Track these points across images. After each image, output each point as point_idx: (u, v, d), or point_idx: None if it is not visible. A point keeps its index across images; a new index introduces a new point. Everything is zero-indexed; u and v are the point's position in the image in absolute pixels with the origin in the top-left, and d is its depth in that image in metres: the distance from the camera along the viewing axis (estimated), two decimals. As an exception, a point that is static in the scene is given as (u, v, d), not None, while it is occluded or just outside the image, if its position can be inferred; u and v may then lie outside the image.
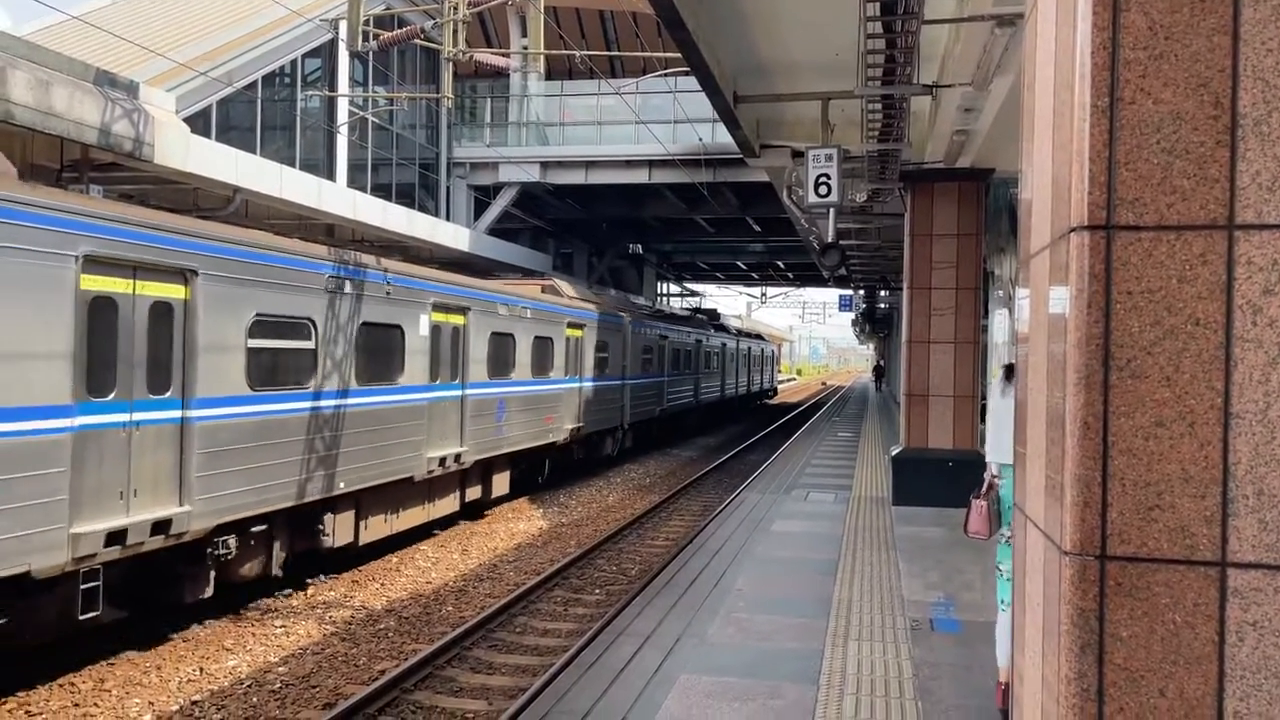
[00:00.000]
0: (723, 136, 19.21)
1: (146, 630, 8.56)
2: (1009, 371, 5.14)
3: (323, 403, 10.17)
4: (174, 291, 8.14)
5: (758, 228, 32.24)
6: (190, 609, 8.99)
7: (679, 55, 9.34)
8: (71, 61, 11.76)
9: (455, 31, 14.01)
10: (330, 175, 20.46)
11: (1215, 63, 1.78)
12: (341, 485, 10.43)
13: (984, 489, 5.30)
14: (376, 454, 11.15)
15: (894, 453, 12.81)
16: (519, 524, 14.55)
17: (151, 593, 8.47)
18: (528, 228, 30.65)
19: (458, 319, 13.49)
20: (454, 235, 22.31)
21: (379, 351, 11.35)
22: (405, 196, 24.29)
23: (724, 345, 36.12)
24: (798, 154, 11.67)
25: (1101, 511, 1.81)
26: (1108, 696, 1.81)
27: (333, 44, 20.36)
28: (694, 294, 58.96)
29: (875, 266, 26.29)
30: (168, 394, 8.06)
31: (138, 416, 7.71)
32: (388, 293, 11.48)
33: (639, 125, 24.21)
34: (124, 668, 7.83)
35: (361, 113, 21.98)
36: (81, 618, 7.22)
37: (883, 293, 34.76)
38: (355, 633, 8.92)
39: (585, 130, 27.05)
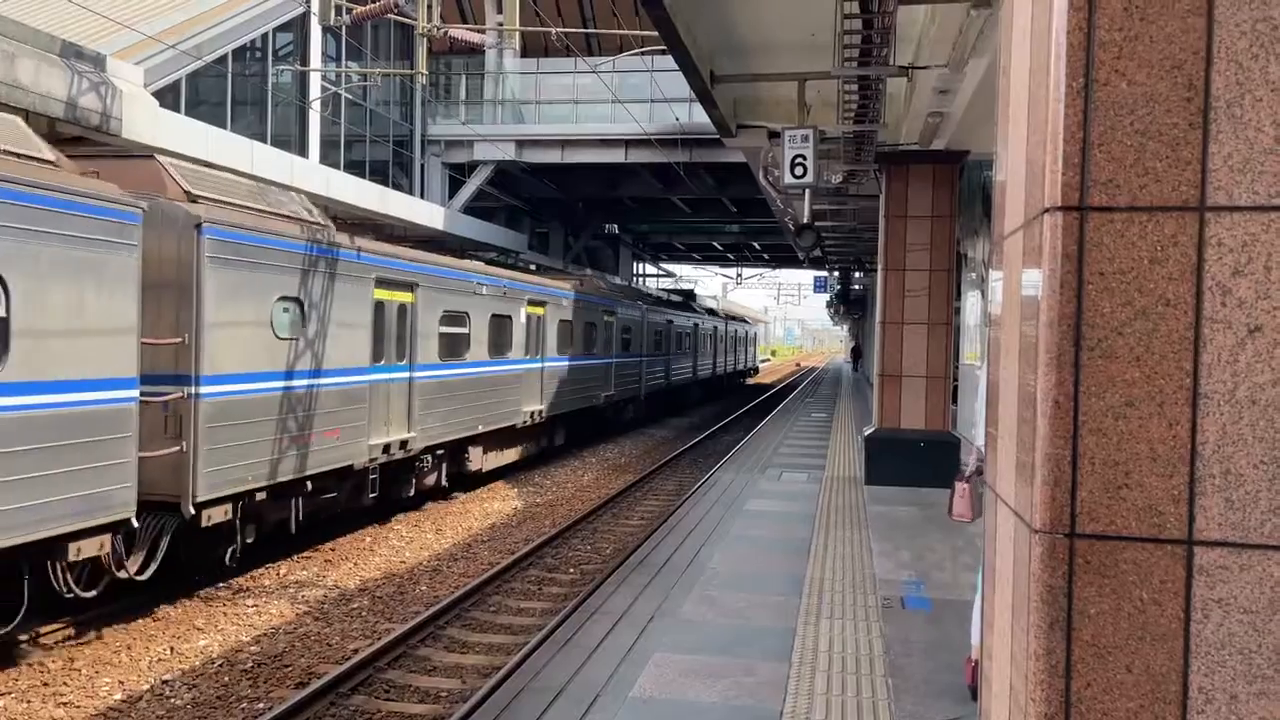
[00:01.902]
0: (700, 116, 19.14)
1: (117, 610, 8.49)
2: None
3: (473, 370, 14.61)
4: (407, 298, 12.62)
5: (734, 208, 32.20)
6: (162, 589, 8.94)
7: (656, 34, 9.28)
8: (37, 33, 11.53)
9: (430, 6, 13.84)
10: (303, 152, 20.19)
11: (1189, 44, 1.78)
12: (480, 427, 14.84)
13: (969, 472, 5.27)
14: (498, 406, 15.61)
15: (867, 433, 12.89)
16: (494, 504, 14.53)
17: (386, 489, 12.35)
18: (503, 206, 30.43)
19: (540, 310, 17.85)
20: (428, 213, 22.14)
21: (499, 334, 15.78)
22: (379, 174, 24.02)
23: (716, 328, 41.13)
24: (774, 134, 11.68)
25: (1071, 490, 1.83)
26: (1075, 672, 1.83)
27: (304, 18, 20.02)
28: (669, 275, 58.72)
29: (850, 248, 26.37)
30: (404, 362, 12.52)
31: (392, 376, 12.19)
32: (504, 293, 15.96)
33: (616, 104, 24.02)
34: (94, 647, 7.77)
35: (334, 88, 21.68)
36: (371, 495, 11.79)
37: (857, 274, 34.92)
38: (328, 612, 8.89)
39: (561, 109, 26.78)
